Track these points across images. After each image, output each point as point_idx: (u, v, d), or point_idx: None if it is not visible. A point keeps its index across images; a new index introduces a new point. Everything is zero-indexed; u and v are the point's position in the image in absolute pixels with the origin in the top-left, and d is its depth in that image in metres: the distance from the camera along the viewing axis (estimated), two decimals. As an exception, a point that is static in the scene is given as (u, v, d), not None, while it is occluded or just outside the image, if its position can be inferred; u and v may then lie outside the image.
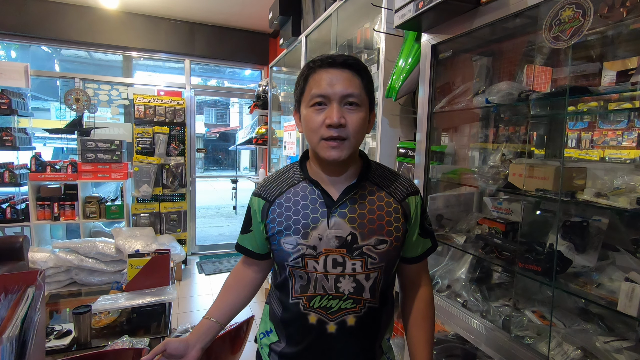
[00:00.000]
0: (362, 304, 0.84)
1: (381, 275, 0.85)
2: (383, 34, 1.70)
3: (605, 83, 1.03)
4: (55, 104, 5.13)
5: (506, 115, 1.47)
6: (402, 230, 0.85)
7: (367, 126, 0.82)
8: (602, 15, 0.96)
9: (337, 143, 0.77)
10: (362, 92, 0.78)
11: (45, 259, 3.27)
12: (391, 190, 0.87)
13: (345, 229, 0.81)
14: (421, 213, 0.90)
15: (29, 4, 3.58)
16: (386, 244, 0.83)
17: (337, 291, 0.82)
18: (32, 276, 0.81)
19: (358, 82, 0.78)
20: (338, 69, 0.77)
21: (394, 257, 0.87)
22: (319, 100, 0.77)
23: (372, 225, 0.82)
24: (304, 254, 0.83)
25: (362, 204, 0.83)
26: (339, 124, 0.75)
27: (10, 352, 0.62)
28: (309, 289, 0.84)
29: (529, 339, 1.12)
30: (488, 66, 1.46)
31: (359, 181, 0.84)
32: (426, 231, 0.92)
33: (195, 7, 3.80)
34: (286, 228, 0.84)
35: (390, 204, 0.85)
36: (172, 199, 4.15)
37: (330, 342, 0.85)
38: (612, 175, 1.04)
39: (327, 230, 0.81)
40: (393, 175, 0.91)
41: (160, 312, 1.71)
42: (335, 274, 0.82)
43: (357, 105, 0.78)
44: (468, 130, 1.65)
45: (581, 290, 1.00)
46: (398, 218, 0.85)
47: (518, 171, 1.18)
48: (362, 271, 0.82)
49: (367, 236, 0.81)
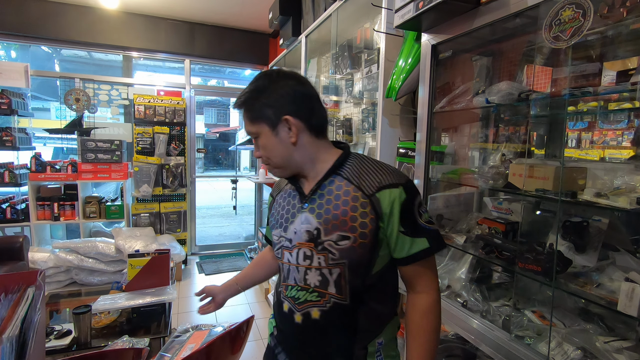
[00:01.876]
0: (327, 297, 0.85)
1: (346, 272, 0.83)
2: (383, 34, 1.71)
3: (605, 83, 1.03)
4: (55, 104, 5.13)
5: (506, 115, 1.47)
6: (370, 227, 0.81)
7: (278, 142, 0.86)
8: (602, 15, 0.96)
9: (269, 167, 0.91)
10: (250, 124, 0.87)
11: (45, 259, 3.27)
12: (361, 184, 0.84)
13: (313, 223, 0.85)
14: (402, 208, 0.81)
15: (29, 4, 3.58)
16: (349, 241, 0.81)
17: (305, 283, 0.87)
18: (32, 276, 0.81)
19: (245, 115, 0.88)
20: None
21: (362, 255, 0.82)
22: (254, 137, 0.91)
23: (335, 220, 0.82)
24: (282, 246, 0.91)
25: (329, 199, 0.85)
26: (259, 157, 0.90)
27: (10, 352, 0.62)
28: (286, 278, 0.92)
29: (529, 339, 1.12)
30: (488, 66, 1.46)
31: (325, 177, 0.87)
32: (415, 229, 0.83)
33: (195, 7, 3.80)
34: (275, 221, 0.95)
35: (358, 198, 0.82)
36: (172, 199, 4.15)
37: (298, 332, 0.90)
38: (612, 175, 1.04)
39: (300, 225, 0.87)
40: (371, 168, 0.86)
41: (160, 312, 1.71)
42: (305, 267, 0.87)
43: (258, 136, 0.87)
44: (468, 130, 1.65)
45: (581, 290, 1.00)
46: (365, 214, 0.81)
47: (518, 171, 1.18)
48: (326, 265, 0.84)
49: (330, 231, 0.83)
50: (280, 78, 0.86)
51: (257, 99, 0.85)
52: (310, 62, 2.90)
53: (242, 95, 0.87)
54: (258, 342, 2.74)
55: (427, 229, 0.84)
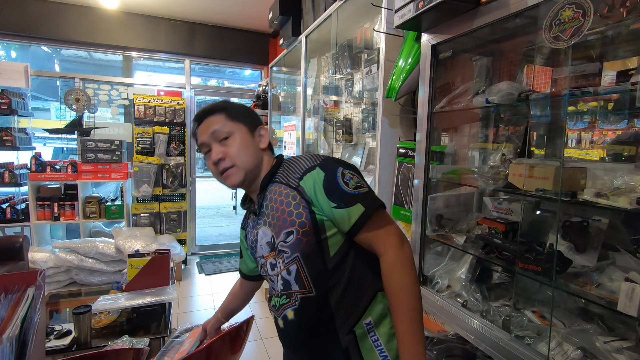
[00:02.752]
0: (294, 297, 0.89)
1: (302, 265, 0.86)
2: (383, 34, 1.71)
3: (605, 83, 1.03)
4: (55, 104, 5.13)
5: (506, 115, 1.47)
6: (304, 214, 0.84)
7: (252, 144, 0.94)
8: (602, 15, 0.96)
9: (227, 172, 0.92)
10: (226, 123, 0.92)
11: (45, 259, 3.27)
12: (289, 180, 0.90)
13: (268, 234, 0.92)
14: (324, 186, 0.83)
15: (29, 4, 3.58)
16: (293, 235, 0.86)
17: (276, 290, 0.94)
18: (32, 276, 0.81)
19: (220, 118, 0.93)
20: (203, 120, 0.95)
21: (309, 243, 0.84)
22: (205, 150, 0.95)
23: (279, 222, 0.88)
24: (261, 264, 0.98)
25: (272, 206, 0.91)
26: (218, 159, 0.91)
27: (10, 352, 0.62)
28: (271, 290, 0.98)
29: (529, 339, 1.12)
30: (488, 66, 1.46)
31: (262, 189, 0.95)
32: (346, 199, 0.82)
33: (195, 7, 3.80)
34: (250, 248, 1.04)
35: (289, 194, 0.88)
36: (172, 199, 4.15)
37: (285, 336, 0.95)
38: (612, 175, 1.04)
39: (261, 240, 0.94)
40: (294, 163, 0.92)
41: (160, 312, 1.71)
42: (274, 275, 0.93)
43: (228, 137, 0.92)
44: (468, 130, 1.65)
45: (581, 290, 1.00)
46: (297, 204, 0.86)
47: (518, 171, 1.18)
48: (283, 267, 0.89)
49: (278, 234, 0.89)
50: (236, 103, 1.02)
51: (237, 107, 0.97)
52: (310, 62, 2.90)
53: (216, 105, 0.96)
54: (258, 342, 2.74)
55: (357, 194, 0.83)
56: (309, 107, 2.94)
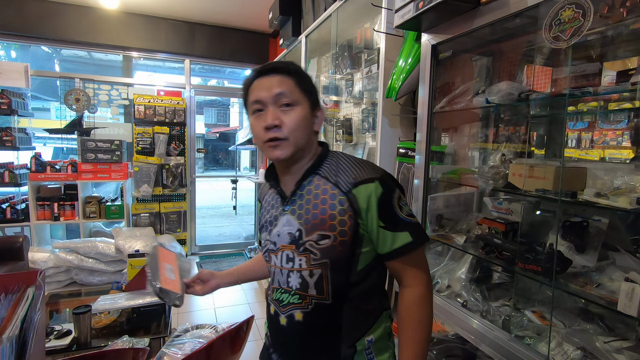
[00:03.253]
0: (308, 300, 0.85)
1: (327, 272, 0.82)
2: (383, 34, 1.71)
3: (605, 83, 1.03)
4: (55, 104, 5.13)
5: (506, 115, 1.47)
6: (349, 223, 0.80)
7: (310, 123, 0.86)
8: (602, 15, 0.96)
9: (277, 142, 0.82)
10: (294, 90, 0.83)
11: (45, 259, 3.27)
12: (338, 181, 0.83)
13: (294, 225, 0.85)
14: (380, 203, 0.80)
15: (29, 4, 3.58)
16: (329, 240, 0.80)
17: (287, 285, 0.87)
18: (32, 276, 0.81)
19: (290, 82, 0.83)
20: (268, 75, 0.84)
21: (343, 253, 0.82)
22: (257, 107, 0.84)
23: (315, 220, 0.82)
24: (269, 249, 0.91)
25: (308, 199, 0.84)
26: (274, 125, 0.81)
27: (10, 352, 0.62)
28: (273, 281, 0.92)
29: (529, 339, 1.12)
30: (488, 66, 1.46)
31: (304, 176, 0.87)
32: (396, 224, 0.81)
33: (195, 7, 3.80)
34: (261, 225, 0.96)
35: (335, 196, 0.82)
36: (172, 199, 4.15)
37: (284, 335, 0.90)
38: (612, 175, 1.04)
39: (282, 227, 0.87)
40: (347, 165, 0.86)
41: (160, 312, 1.71)
42: (287, 269, 0.87)
43: (292, 105, 0.82)
44: (468, 130, 1.65)
45: (581, 290, 1.00)
46: (344, 211, 0.80)
47: (518, 171, 1.18)
48: (307, 267, 0.83)
49: (310, 232, 0.82)
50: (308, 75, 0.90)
51: (309, 78, 0.87)
52: (310, 62, 2.90)
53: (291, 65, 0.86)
54: (258, 342, 2.74)
55: (409, 223, 0.82)
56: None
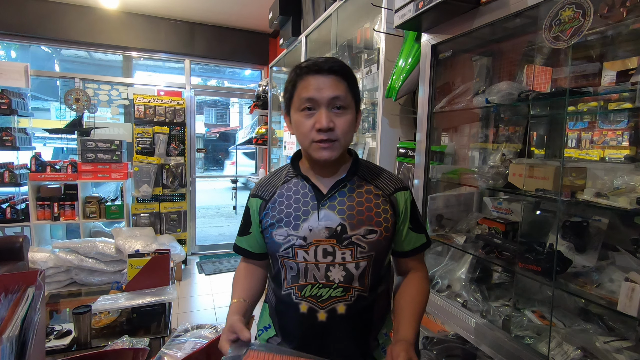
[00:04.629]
0: (351, 292, 0.87)
1: (370, 265, 0.87)
2: (383, 34, 1.71)
3: (605, 83, 1.03)
4: (55, 104, 5.13)
5: (506, 115, 1.47)
6: (391, 221, 0.89)
7: (354, 127, 0.88)
8: (602, 15, 0.96)
9: (328, 144, 0.83)
10: (347, 95, 0.83)
11: (45, 259, 3.27)
12: (379, 184, 0.92)
13: (334, 220, 0.86)
14: (412, 208, 0.93)
15: (29, 4, 3.58)
16: (376, 234, 0.86)
17: (328, 280, 0.86)
18: (32, 276, 0.81)
19: (344, 86, 0.83)
20: (325, 75, 0.82)
21: (384, 248, 0.90)
22: (308, 105, 0.82)
23: (361, 216, 0.86)
24: (294, 245, 0.87)
25: (351, 196, 0.88)
26: (328, 128, 0.81)
27: (10, 352, 0.62)
28: (300, 278, 0.88)
29: (529, 339, 1.12)
30: (488, 66, 1.46)
31: (347, 176, 0.90)
32: (419, 226, 0.95)
33: (195, 7, 3.80)
34: (278, 221, 0.90)
35: (379, 196, 0.90)
36: (172, 199, 4.15)
37: (321, 331, 0.87)
38: (612, 175, 1.04)
39: (317, 222, 0.86)
40: (380, 171, 0.96)
41: (160, 312, 1.71)
42: (326, 263, 0.86)
43: (344, 108, 0.83)
44: (468, 130, 1.65)
45: (581, 290, 1.00)
46: (387, 210, 0.89)
47: (518, 171, 1.18)
48: (352, 260, 0.86)
49: (356, 226, 0.85)
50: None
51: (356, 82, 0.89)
52: (310, 62, 2.89)
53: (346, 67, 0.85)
54: (258, 342, 2.74)
55: (424, 227, 0.97)
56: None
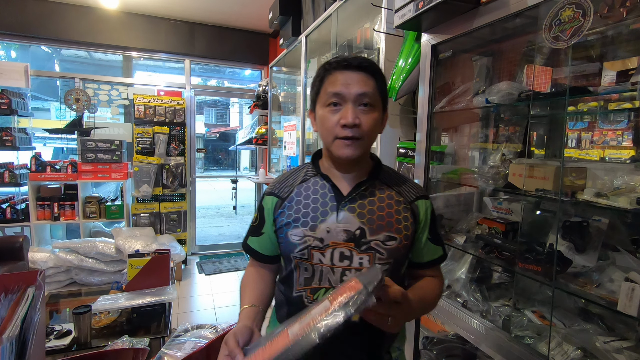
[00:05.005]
0: None
1: (388, 273, 0.83)
2: (383, 34, 1.71)
3: (605, 83, 1.03)
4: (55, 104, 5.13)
5: (506, 115, 1.47)
6: (411, 230, 0.86)
7: (380, 126, 0.86)
8: (602, 15, 0.96)
9: (351, 142, 0.80)
10: (375, 93, 0.81)
11: (45, 259, 3.27)
12: (401, 190, 0.89)
13: (353, 223, 0.83)
14: (431, 218, 0.90)
15: (29, 4, 3.58)
16: (395, 241, 0.83)
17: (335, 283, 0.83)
18: (32, 276, 0.81)
19: (372, 84, 0.81)
20: (353, 71, 0.80)
21: (403, 256, 0.87)
22: (334, 100, 0.80)
23: (381, 221, 0.83)
24: (310, 246, 0.84)
25: (372, 200, 0.85)
26: (354, 124, 0.78)
27: (10, 352, 0.62)
28: (314, 281, 0.85)
29: (529, 339, 1.12)
30: (488, 66, 1.46)
31: (369, 179, 0.87)
32: (437, 238, 0.92)
33: (195, 7, 3.80)
34: (294, 220, 0.86)
35: (400, 203, 0.87)
36: (172, 199, 4.15)
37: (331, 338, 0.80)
38: (612, 175, 1.04)
39: (336, 224, 0.83)
40: (403, 178, 0.93)
41: (160, 312, 1.71)
42: (342, 267, 0.83)
43: (371, 106, 0.81)
44: (468, 130, 1.65)
45: (581, 290, 1.00)
46: (407, 217, 0.86)
47: (518, 171, 1.18)
48: (369, 266, 0.82)
49: (376, 231, 0.82)
50: None
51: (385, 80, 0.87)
52: (310, 62, 2.90)
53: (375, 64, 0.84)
54: (258, 342, 2.74)
55: (441, 239, 0.94)
56: (309, 107, 2.94)
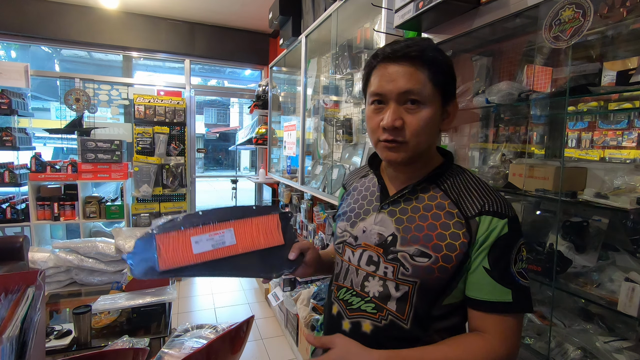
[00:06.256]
0: (384, 313, 0.74)
1: (415, 293, 0.71)
2: (383, 34, 1.70)
3: (605, 83, 1.03)
4: (55, 104, 5.13)
5: (506, 115, 1.47)
6: (458, 250, 0.69)
7: (436, 124, 0.73)
8: (602, 15, 0.96)
9: (394, 145, 0.71)
10: (426, 87, 0.69)
11: (45, 259, 3.27)
12: (461, 201, 0.72)
13: (389, 227, 0.75)
14: (497, 243, 0.68)
15: (29, 4, 3.58)
16: (428, 259, 0.70)
17: (362, 290, 0.77)
18: (32, 276, 0.81)
19: (421, 77, 0.69)
20: (398, 63, 0.69)
21: (439, 280, 0.70)
22: (377, 99, 0.73)
23: (419, 232, 0.72)
24: (345, 241, 0.83)
25: (417, 207, 0.74)
26: (394, 127, 0.69)
27: (10, 352, 0.62)
28: (340, 277, 0.83)
29: (529, 339, 1.12)
30: (488, 66, 1.46)
31: (421, 182, 0.76)
32: (502, 274, 0.68)
33: (195, 7, 3.80)
34: (343, 213, 0.86)
35: (453, 216, 0.71)
36: (172, 199, 4.15)
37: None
38: (612, 175, 1.04)
39: (372, 225, 0.78)
40: (476, 188, 0.74)
41: (160, 312, 1.71)
42: (366, 272, 0.77)
43: (420, 103, 0.69)
44: (468, 130, 1.65)
45: (581, 290, 1.00)
46: (457, 235, 0.69)
47: (518, 171, 1.18)
48: (393, 278, 0.73)
49: (408, 242, 0.72)
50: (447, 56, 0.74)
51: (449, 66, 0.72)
52: (310, 62, 2.90)
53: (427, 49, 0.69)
54: (258, 342, 2.74)
55: (516, 281, 0.68)
56: (309, 107, 2.94)
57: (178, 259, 0.77)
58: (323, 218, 2.73)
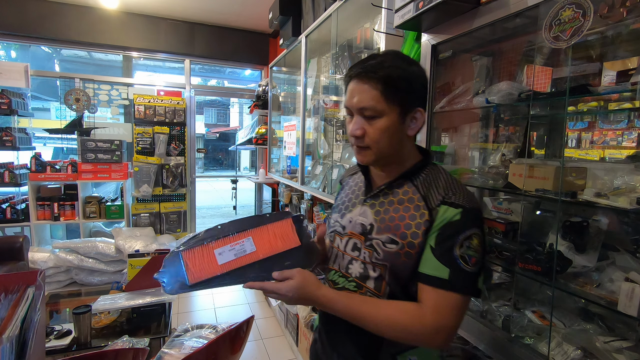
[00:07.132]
0: (363, 290, 0.86)
1: (387, 275, 0.83)
2: (383, 34, 1.70)
3: (605, 83, 1.03)
4: (55, 104, 5.13)
5: (506, 115, 1.47)
6: (420, 238, 0.79)
7: (398, 131, 0.82)
8: (602, 15, 0.96)
9: (360, 150, 0.85)
10: (379, 102, 0.79)
11: (45, 259, 3.27)
12: (428, 195, 0.82)
13: (369, 218, 0.87)
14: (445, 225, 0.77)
15: (29, 4, 3.58)
16: (396, 245, 0.81)
17: (347, 271, 0.91)
18: (32, 276, 0.81)
19: (373, 93, 0.79)
20: (357, 80, 0.81)
21: (405, 264, 0.80)
22: (347, 111, 0.86)
23: (390, 222, 0.83)
24: (335, 230, 0.96)
25: (392, 200, 0.86)
26: (355, 136, 0.83)
27: (10, 352, 0.62)
28: (330, 262, 0.97)
29: (529, 339, 1.12)
30: (488, 66, 1.46)
31: (396, 179, 0.87)
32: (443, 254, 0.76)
33: (195, 7, 3.80)
34: (336, 206, 1.01)
35: (419, 208, 0.81)
36: (172, 199, 4.15)
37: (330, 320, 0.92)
38: (612, 175, 1.04)
39: (357, 216, 0.90)
40: (444, 183, 0.83)
41: (160, 312, 1.71)
42: (351, 256, 0.90)
43: (374, 117, 0.80)
44: (468, 130, 1.65)
45: (581, 290, 1.00)
46: (420, 224, 0.79)
47: (518, 171, 1.18)
48: (369, 262, 0.86)
49: (382, 231, 0.84)
50: (413, 64, 0.83)
51: (404, 80, 0.79)
52: (310, 62, 2.90)
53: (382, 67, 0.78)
54: (258, 342, 2.75)
55: (457, 263, 0.75)
56: (309, 107, 2.94)
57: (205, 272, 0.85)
58: (323, 218, 2.73)
